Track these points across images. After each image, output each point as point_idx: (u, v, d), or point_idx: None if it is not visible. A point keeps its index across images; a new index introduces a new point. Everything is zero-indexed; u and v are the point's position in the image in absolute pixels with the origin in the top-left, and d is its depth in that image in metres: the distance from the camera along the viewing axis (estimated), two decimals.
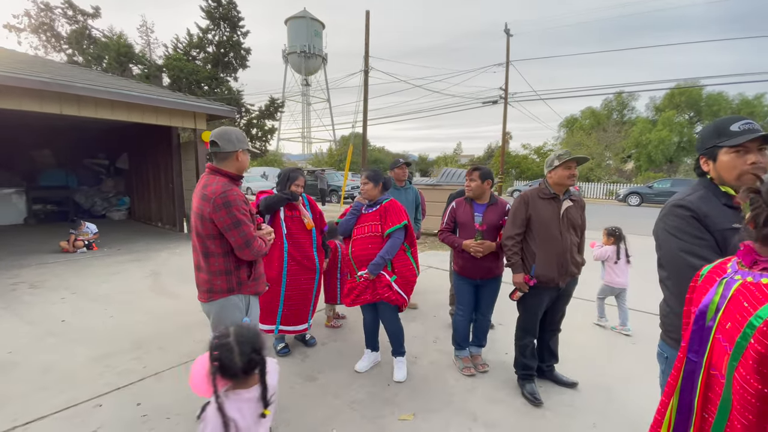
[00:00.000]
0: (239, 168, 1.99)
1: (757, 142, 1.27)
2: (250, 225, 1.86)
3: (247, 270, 1.94)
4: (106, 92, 5.69)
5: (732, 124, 1.32)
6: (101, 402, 2.45)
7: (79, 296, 4.41)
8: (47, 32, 15.97)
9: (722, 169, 1.34)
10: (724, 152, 1.32)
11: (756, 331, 0.72)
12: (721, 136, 1.33)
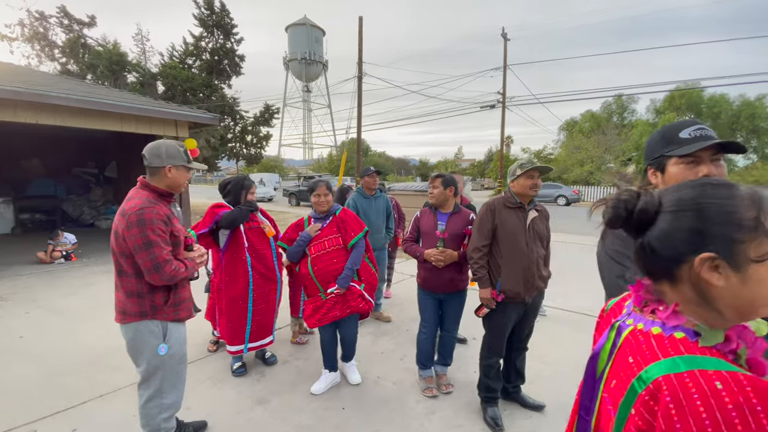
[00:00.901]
0: (170, 185, 1.87)
1: (710, 151, 1.10)
2: (164, 248, 1.70)
3: (164, 294, 1.79)
4: (81, 101, 5.61)
5: (682, 130, 1.14)
6: (36, 427, 2.31)
7: (44, 310, 4.28)
8: (41, 41, 16.02)
9: (671, 182, 1.15)
10: (673, 163, 1.14)
11: (637, 399, 0.57)
12: (669, 144, 1.15)
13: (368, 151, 53.43)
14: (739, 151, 1.10)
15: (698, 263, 0.58)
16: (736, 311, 0.58)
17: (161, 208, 1.77)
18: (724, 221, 0.57)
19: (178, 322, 1.87)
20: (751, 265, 0.56)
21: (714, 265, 0.57)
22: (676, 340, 0.58)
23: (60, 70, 15.88)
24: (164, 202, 1.83)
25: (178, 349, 1.87)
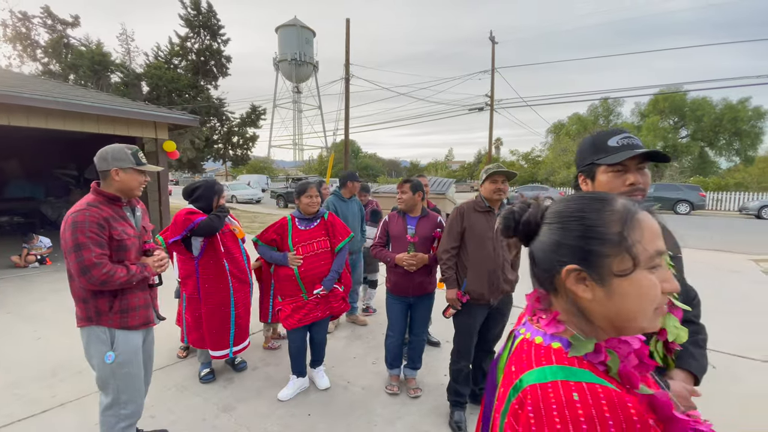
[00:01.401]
0: (120, 188, 1.84)
1: (637, 159, 1.13)
2: (93, 250, 1.65)
3: (109, 300, 1.76)
4: (54, 102, 5.50)
5: (610, 138, 1.17)
6: None
7: (13, 316, 4.19)
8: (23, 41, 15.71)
9: (601, 190, 1.18)
10: (602, 171, 1.17)
11: (510, 407, 0.58)
12: (599, 151, 1.18)
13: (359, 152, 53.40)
14: (663, 160, 1.13)
15: (564, 275, 0.59)
16: (609, 323, 0.60)
17: (99, 211, 1.73)
18: (589, 235, 0.58)
19: (127, 330, 1.82)
20: (615, 279, 0.57)
21: (580, 277, 0.58)
22: (551, 349, 0.59)
23: (42, 70, 15.60)
24: (112, 206, 1.80)
25: (129, 358, 1.82)
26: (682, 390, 1.06)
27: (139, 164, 1.86)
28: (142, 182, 1.92)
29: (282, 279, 2.65)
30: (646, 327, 0.59)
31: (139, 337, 1.91)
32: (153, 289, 2.00)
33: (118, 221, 1.79)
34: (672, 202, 18.07)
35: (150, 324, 1.97)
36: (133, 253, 1.84)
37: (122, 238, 1.78)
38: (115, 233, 1.75)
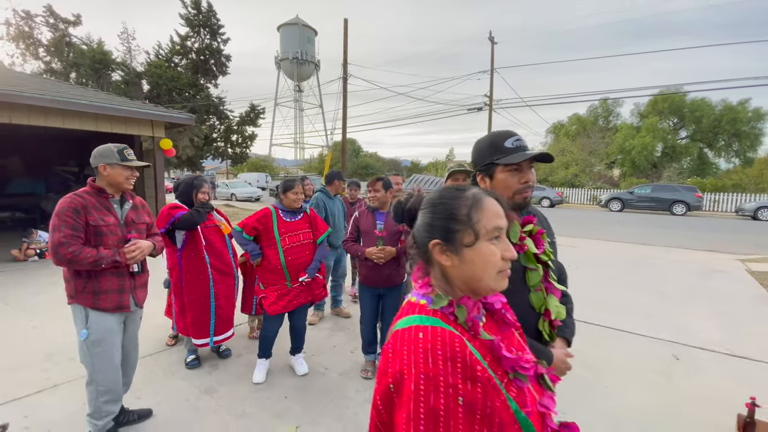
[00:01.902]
0: (109, 182, 2.02)
1: (529, 160, 1.25)
2: (62, 231, 1.84)
3: (83, 281, 1.94)
4: (54, 101, 5.68)
5: (506, 139, 1.26)
6: None
7: (12, 307, 4.37)
8: (26, 40, 15.92)
9: (499, 188, 1.27)
10: (500, 170, 1.26)
11: (383, 350, 0.73)
12: (497, 152, 1.26)
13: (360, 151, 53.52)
14: (548, 160, 1.26)
15: (431, 247, 0.75)
16: (465, 284, 0.75)
17: (81, 199, 1.92)
18: (446, 216, 0.74)
19: (99, 311, 1.97)
20: (465, 249, 0.73)
21: (443, 249, 0.74)
22: (418, 305, 0.75)
23: (44, 68, 15.80)
24: (98, 197, 1.98)
25: (101, 338, 1.98)
26: (561, 355, 1.26)
27: (124, 160, 2.02)
28: (128, 177, 2.07)
29: (269, 269, 2.78)
30: (493, 287, 0.75)
31: (113, 320, 2.03)
32: (135, 277, 2.12)
33: (99, 210, 1.96)
34: (668, 203, 18.15)
35: (124, 309, 2.07)
36: (110, 240, 1.98)
37: (98, 224, 1.93)
38: (90, 219, 1.91)
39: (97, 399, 2.00)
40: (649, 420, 2.47)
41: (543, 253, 1.29)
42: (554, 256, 1.38)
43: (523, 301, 1.25)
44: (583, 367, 3.16)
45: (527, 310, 1.25)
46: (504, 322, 0.82)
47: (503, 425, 0.64)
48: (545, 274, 1.29)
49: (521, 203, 1.28)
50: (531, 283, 1.26)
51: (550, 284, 1.29)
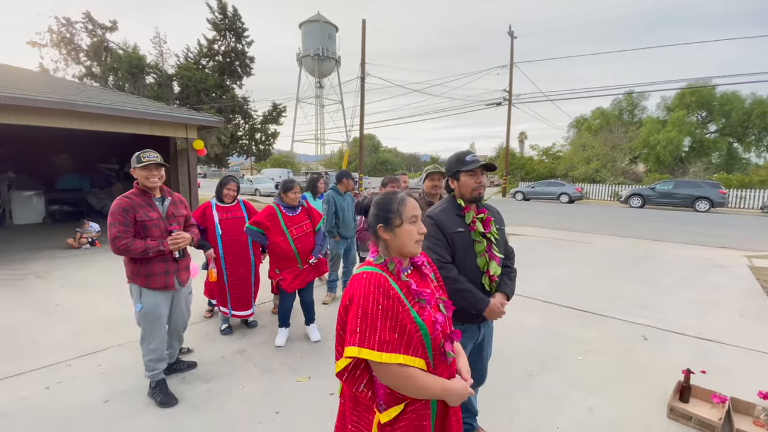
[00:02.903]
0: (141, 183, 2.50)
1: (481, 168, 1.86)
2: (115, 227, 2.33)
3: (137, 266, 2.46)
4: (104, 108, 6.47)
5: (466, 156, 1.89)
6: (71, 363, 3.11)
7: (75, 285, 5.15)
8: (67, 46, 17.19)
9: (462, 187, 1.90)
10: (463, 175, 1.88)
11: (345, 289, 1.26)
12: (461, 164, 1.88)
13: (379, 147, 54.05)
14: (491, 169, 1.85)
15: (378, 228, 1.27)
16: (397, 250, 1.27)
17: (129, 200, 2.42)
18: (385, 209, 1.26)
19: (151, 290, 2.50)
20: (396, 228, 1.24)
21: (384, 229, 1.26)
22: (368, 262, 1.28)
23: (84, 72, 17.03)
24: (143, 196, 2.49)
25: (151, 310, 2.50)
26: (496, 302, 1.83)
27: (140, 162, 2.45)
28: (147, 176, 2.45)
29: (282, 256, 3.37)
30: (413, 251, 1.26)
31: (161, 297, 2.55)
32: (178, 262, 2.61)
33: (144, 208, 2.45)
34: (691, 200, 17.76)
35: (170, 288, 2.56)
36: (155, 232, 2.47)
37: (144, 220, 2.44)
38: (138, 216, 2.42)
39: (146, 356, 2.58)
40: (603, 379, 2.91)
41: (489, 233, 1.87)
42: (500, 237, 1.94)
43: (473, 263, 1.86)
44: (562, 341, 3.62)
45: (475, 270, 1.85)
46: (422, 273, 1.34)
47: (405, 323, 1.15)
48: (488, 246, 1.86)
49: (476, 197, 1.90)
50: (477, 251, 1.85)
51: (492, 253, 1.87)
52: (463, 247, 1.86)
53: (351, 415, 1.31)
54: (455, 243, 1.85)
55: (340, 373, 1.21)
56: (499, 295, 1.90)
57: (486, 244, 1.88)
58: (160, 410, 2.51)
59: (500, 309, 1.87)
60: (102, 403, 2.58)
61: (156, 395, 2.58)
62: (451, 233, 1.84)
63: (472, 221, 1.88)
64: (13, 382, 2.83)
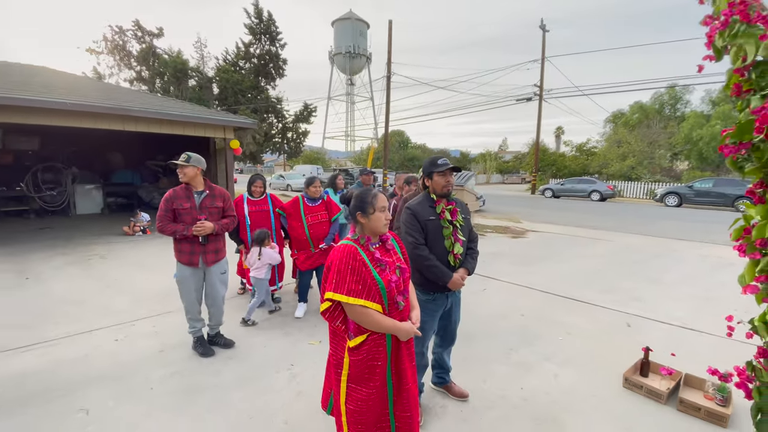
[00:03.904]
0: (184, 179, 3.10)
1: (449, 170, 2.33)
2: (159, 213, 3.00)
3: (175, 243, 3.11)
4: (154, 113, 7.38)
5: (439, 160, 2.37)
6: (135, 323, 3.87)
7: (131, 265, 6.04)
8: (120, 52, 18.81)
9: (435, 185, 2.38)
10: (436, 175, 2.36)
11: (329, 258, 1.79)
12: (434, 166, 2.36)
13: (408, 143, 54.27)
14: (458, 171, 2.28)
15: (357, 215, 1.79)
16: (371, 230, 1.79)
17: (173, 192, 3.05)
18: (362, 201, 1.78)
19: (180, 263, 3.14)
20: (370, 215, 1.76)
21: (361, 215, 1.78)
22: (350, 238, 1.80)
23: (135, 76, 18.60)
24: (187, 190, 3.09)
25: (181, 279, 3.12)
26: (458, 275, 2.31)
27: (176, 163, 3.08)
28: (180, 173, 3.05)
29: (298, 239, 4.01)
30: (382, 231, 1.78)
31: (188, 270, 3.10)
32: (204, 245, 3.11)
33: (182, 199, 3.05)
34: (732, 199, 16.94)
35: (193, 265, 3.09)
36: (187, 219, 3.04)
37: (178, 208, 3.04)
38: (174, 205, 3.03)
39: (185, 315, 3.24)
40: (575, 355, 3.30)
41: (455, 221, 2.36)
42: (465, 224, 2.41)
43: (441, 244, 2.34)
44: (548, 324, 4.01)
45: (443, 249, 2.34)
46: (386, 247, 1.85)
47: (366, 279, 1.67)
48: (454, 231, 2.34)
49: (446, 193, 2.37)
50: (444, 234, 2.33)
51: (456, 237, 2.35)
52: (434, 231, 2.34)
53: (332, 343, 1.85)
54: (428, 228, 2.34)
55: (323, 312, 1.75)
56: (461, 270, 2.37)
57: (452, 229, 2.35)
58: (201, 358, 3.17)
59: (460, 281, 2.34)
60: (158, 352, 3.29)
61: (197, 348, 3.25)
62: (425, 220, 2.33)
63: (442, 211, 2.36)
64: (89, 336, 3.60)
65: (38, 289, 4.88)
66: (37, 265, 5.97)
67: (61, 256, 6.50)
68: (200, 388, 2.76)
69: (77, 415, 2.43)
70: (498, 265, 6.35)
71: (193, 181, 3.11)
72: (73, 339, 3.51)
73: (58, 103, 6.42)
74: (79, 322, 3.87)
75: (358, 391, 1.77)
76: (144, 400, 2.61)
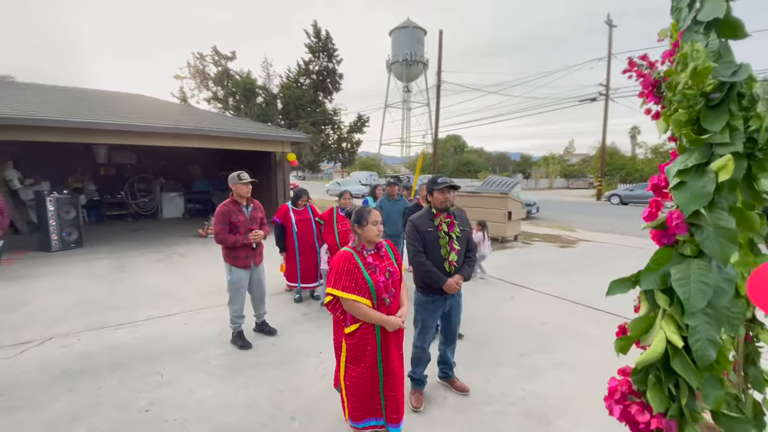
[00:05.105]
0: (236, 193, 3.68)
1: (447, 188, 2.67)
2: (216, 227, 3.55)
3: (230, 251, 3.65)
4: (225, 132, 8.56)
5: (438, 179, 2.71)
6: (200, 311, 4.67)
7: (204, 262, 7.08)
8: (200, 75, 21.35)
9: (435, 201, 2.73)
10: (436, 192, 2.71)
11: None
12: (434, 184, 2.71)
13: (464, 147, 53.56)
14: (456, 189, 2.61)
15: (355, 227, 2.24)
16: (366, 240, 2.22)
17: (226, 207, 3.60)
18: (359, 215, 2.22)
19: (236, 267, 3.71)
20: (364, 227, 2.19)
21: (358, 227, 2.22)
22: (349, 245, 2.25)
23: (211, 96, 20.98)
24: (235, 204, 3.68)
25: (236, 282, 3.71)
26: (452, 280, 2.63)
27: (240, 180, 3.68)
28: (245, 190, 3.65)
29: (330, 244, 4.55)
30: (375, 240, 2.20)
31: (242, 273, 3.73)
32: (254, 250, 3.77)
33: (235, 213, 3.63)
34: None
35: (248, 267, 3.69)
36: (242, 230, 3.64)
37: (235, 222, 3.63)
38: (231, 219, 3.62)
39: (231, 314, 3.82)
40: (587, 364, 3.39)
41: (452, 232, 2.69)
42: (461, 235, 2.73)
43: (437, 253, 2.68)
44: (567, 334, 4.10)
45: (439, 257, 2.67)
46: (380, 254, 2.26)
47: (358, 278, 2.09)
48: (450, 242, 2.67)
49: (445, 207, 2.71)
50: (440, 243, 2.67)
51: (452, 246, 2.67)
52: (432, 241, 2.70)
53: (335, 330, 2.31)
54: (426, 238, 2.70)
55: (327, 305, 2.21)
56: (457, 276, 2.68)
57: (448, 239, 2.69)
58: (251, 342, 3.80)
59: (455, 286, 2.65)
60: (217, 335, 4.00)
61: (236, 341, 3.80)
62: (424, 231, 2.70)
63: (439, 224, 2.71)
64: (166, 320, 4.45)
65: (131, 280, 6.01)
66: (132, 260, 7.25)
67: (150, 254, 7.79)
68: (246, 366, 3.38)
69: (155, 377, 3.16)
70: (534, 274, 6.38)
71: (246, 195, 3.74)
72: (154, 321, 4.38)
73: (150, 127, 7.78)
74: (159, 308, 4.77)
75: (353, 370, 2.20)
76: (203, 371, 3.28)
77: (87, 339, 3.88)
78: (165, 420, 2.64)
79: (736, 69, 1.04)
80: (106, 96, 12.36)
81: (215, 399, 2.88)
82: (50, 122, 7.01)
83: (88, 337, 3.92)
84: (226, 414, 2.70)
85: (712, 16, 1.10)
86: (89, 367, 3.31)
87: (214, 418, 2.65)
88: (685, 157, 1.05)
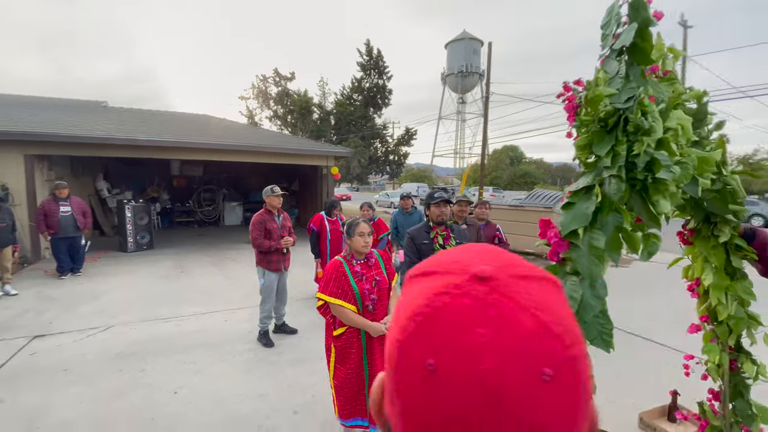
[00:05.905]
0: (269, 204, 4.17)
1: (443, 202, 2.79)
2: (254, 233, 3.98)
3: (263, 255, 4.08)
4: (277, 148, 9.37)
5: (435, 194, 2.84)
6: (238, 311, 5.15)
7: (250, 267, 7.70)
8: (262, 96, 23.19)
9: (431, 214, 2.86)
10: (432, 206, 2.85)
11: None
12: (431, 199, 2.85)
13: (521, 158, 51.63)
14: (450, 203, 2.73)
15: (346, 238, 2.45)
16: (354, 249, 2.42)
17: (261, 216, 4.05)
18: (349, 227, 2.43)
19: (269, 271, 4.12)
20: (353, 238, 2.40)
21: (348, 238, 2.43)
22: (341, 255, 2.46)
23: (272, 114, 22.66)
24: (268, 213, 4.14)
25: (268, 284, 4.12)
26: None
27: (274, 192, 4.16)
28: (277, 201, 4.17)
29: None
30: (362, 251, 2.39)
31: (274, 276, 4.14)
32: (284, 255, 4.20)
33: (270, 221, 4.08)
34: None
35: (279, 271, 4.18)
36: (275, 236, 4.08)
37: (270, 229, 4.07)
38: (267, 226, 4.06)
39: (262, 314, 4.21)
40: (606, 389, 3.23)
41: (447, 245, 2.80)
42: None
43: None
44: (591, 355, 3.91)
45: None
46: (369, 263, 2.44)
47: (344, 285, 2.29)
48: None
49: (441, 221, 2.84)
50: None
51: None
52: (427, 253, 2.82)
53: (326, 333, 2.52)
54: (422, 250, 2.83)
55: (318, 308, 2.44)
56: None
57: None
58: (275, 341, 4.14)
59: None
60: (247, 332, 4.41)
61: (262, 339, 4.18)
62: (419, 243, 2.83)
63: (435, 236, 2.83)
64: (208, 316, 4.97)
65: (187, 280, 6.75)
66: (190, 262, 8.12)
67: (207, 257, 8.66)
68: (266, 361, 3.71)
69: (188, 365, 3.60)
70: None
71: (278, 206, 4.17)
72: (198, 317, 4.93)
73: (215, 144, 8.77)
74: (204, 305, 5.34)
75: (340, 370, 2.39)
76: (228, 362, 3.67)
77: (140, 328, 4.49)
78: (189, 402, 3.02)
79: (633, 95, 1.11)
80: (179, 117, 14.02)
81: (232, 389, 3.22)
82: (140, 142, 8.25)
83: (142, 327, 4.53)
84: (239, 403, 3.02)
85: (623, 43, 1.18)
86: (137, 351, 3.86)
87: (227, 405, 2.98)
88: (580, 179, 1.13)
